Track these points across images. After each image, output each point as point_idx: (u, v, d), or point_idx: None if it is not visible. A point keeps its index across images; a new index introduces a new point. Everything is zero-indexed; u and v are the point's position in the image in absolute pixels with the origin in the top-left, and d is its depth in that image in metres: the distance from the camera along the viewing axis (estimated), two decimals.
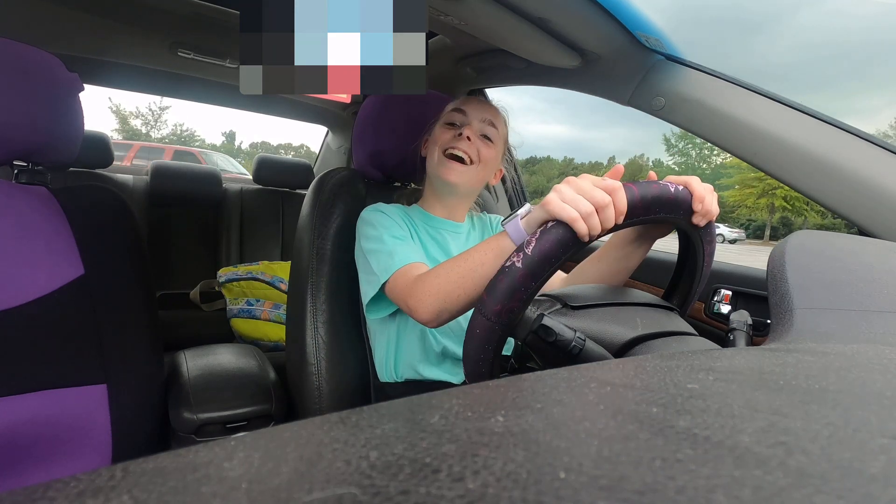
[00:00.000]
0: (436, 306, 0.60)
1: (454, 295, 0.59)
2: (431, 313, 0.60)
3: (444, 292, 0.60)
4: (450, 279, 0.60)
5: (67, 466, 0.64)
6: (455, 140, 0.76)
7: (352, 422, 0.16)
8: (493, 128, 0.79)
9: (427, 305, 0.61)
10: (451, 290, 0.59)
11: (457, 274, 0.59)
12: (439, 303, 0.60)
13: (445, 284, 0.60)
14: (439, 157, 0.77)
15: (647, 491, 0.11)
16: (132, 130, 30.07)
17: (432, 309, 0.60)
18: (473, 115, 0.78)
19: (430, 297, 0.61)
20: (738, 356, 0.26)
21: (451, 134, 0.77)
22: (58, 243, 0.66)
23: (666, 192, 0.45)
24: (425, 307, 0.61)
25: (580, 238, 0.43)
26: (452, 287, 0.59)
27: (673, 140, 24.06)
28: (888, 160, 0.63)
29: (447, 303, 0.59)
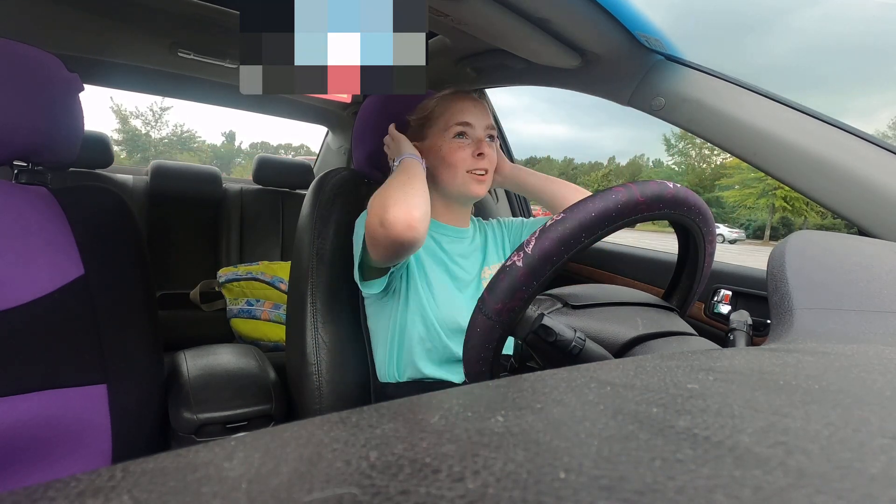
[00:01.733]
0: (415, 208, 0.64)
1: (414, 194, 0.65)
2: (415, 214, 0.63)
3: (409, 195, 0.65)
4: (403, 187, 0.67)
5: (67, 466, 0.64)
6: (476, 160, 0.78)
7: (352, 422, 0.16)
8: (492, 129, 0.81)
9: (407, 209, 0.63)
10: (410, 192, 0.66)
11: (404, 184, 0.67)
12: (415, 205, 0.64)
13: (403, 192, 0.66)
14: (464, 175, 0.78)
15: (647, 491, 0.11)
16: (132, 130, 30.08)
17: (414, 211, 0.63)
18: (479, 125, 0.79)
19: (399, 200, 0.64)
20: (738, 356, 0.26)
21: (467, 152, 0.78)
22: (58, 243, 0.66)
23: (665, 189, 0.45)
24: (407, 210, 0.63)
25: None
26: (412, 190, 0.66)
27: (673, 140, 24.09)
28: (888, 160, 0.63)
29: (420, 202, 0.65)
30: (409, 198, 0.65)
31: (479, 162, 0.78)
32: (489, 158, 0.78)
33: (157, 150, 30.41)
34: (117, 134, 28.96)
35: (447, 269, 0.80)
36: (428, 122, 0.81)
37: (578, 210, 0.43)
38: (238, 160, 40.85)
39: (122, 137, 29.11)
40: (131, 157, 28.62)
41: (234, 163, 40.61)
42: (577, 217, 0.42)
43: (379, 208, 0.64)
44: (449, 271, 0.80)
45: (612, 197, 0.44)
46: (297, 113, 1.87)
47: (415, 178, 0.69)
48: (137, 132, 30.20)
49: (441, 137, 0.79)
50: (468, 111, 0.79)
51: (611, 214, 0.43)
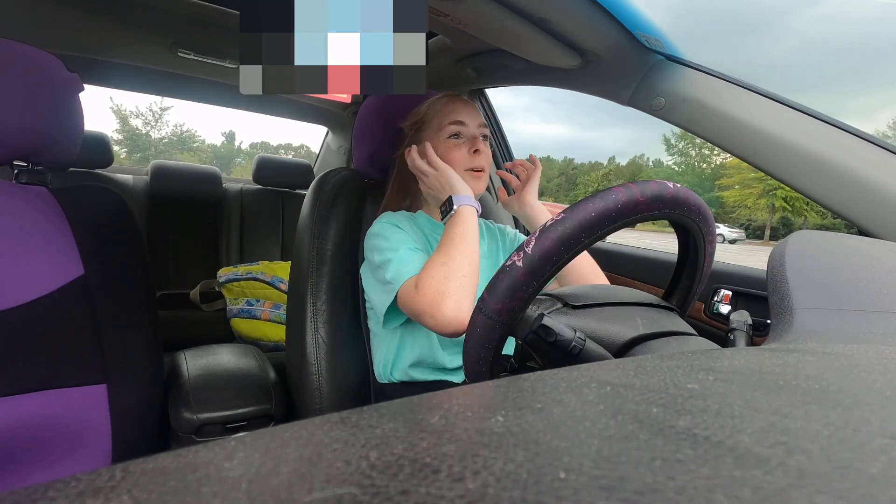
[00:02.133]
0: (460, 286, 0.63)
1: (467, 266, 0.64)
2: (458, 300, 0.62)
3: (456, 269, 0.64)
4: (452, 256, 0.65)
5: (67, 466, 0.64)
6: (472, 158, 0.78)
7: (352, 422, 0.16)
8: (485, 128, 0.81)
9: (451, 293, 0.62)
10: (462, 264, 0.64)
11: (454, 249, 0.66)
12: (461, 280, 0.63)
13: (452, 262, 0.65)
14: (461, 174, 0.77)
15: (647, 491, 0.11)
16: (132, 130, 30.08)
17: (457, 292, 0.62)
18: (471, 123, 0.79)
19: (449, 281, 0.63)
20: (738, 356, 0.26)
21: (462, 151, 0.78)
22: (58, 243, 0.66)
23: (665, 189, 0.45)
24: (450, 296, 0.62)
25: None
26: (461, 261, 0.65)
27: (673, 140, 24.10)
28: (888, 160, 0.63)
29: (466, 277, 0.63)
30: (467, 290, 0.63)
31: (476, 159, 0.78)
32: (485, 155, 0.79)
33: (157, 149, 30.42)
34: (117, 134, 28.95)
35: None
36: (422, 126, 0.81)
37: (578, 210, 0.43)
38: (238, 160, 40.86)
39: (122, 137, 29.10)
40: (131, 157, 28.62)
41: (234, 163, 40.61)
42: (577, 217, 0.42)
43: (433, 298, 0.62)
44: None
45: (612, 197, 0.44)
46: (297, 113, 1.87)
47: (472, 246, 0.67)
48: (137, 132, 30.19)
49: (436, 139, 0.79)
50: (460, 110, 0.79)
51: (611, 214, 0.43)
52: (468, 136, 0.79)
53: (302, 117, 1.90)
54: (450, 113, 0.79)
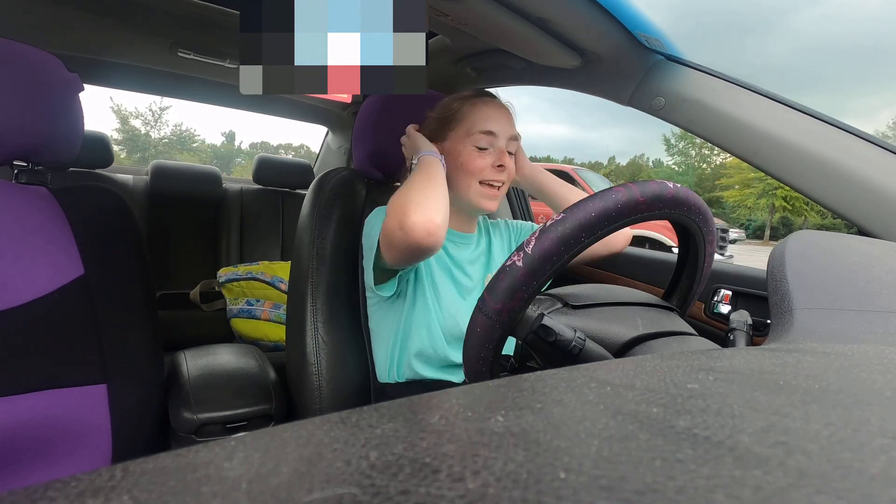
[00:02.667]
0: (421, 200, 0.63)
1: (430, 189, 0.65)
2: (438, 218, 0.62)
3: (419, 191, 0.64)
4: (413, 185, 0.66)
5: (67, 466, 0.64)
6: (493, 171, 0.75)
7: (352, 422, 0.16)
8: (515, 141, 0.78)
9: (425, 212, 0.62)
10: (431, 195, 0.64)
11: (409, 184, 0.67)
12: (436, 206, 0.63)
13: (414, 188, 0.65)
14: (476, 186, 0.76)
15: (647, 491, 0.11)
16: (132, 130, 30.08)
17: (433, 213, 0.62)
18: (503, 136, 0.76)
19: (419, 202, 0.63)
20: (738, 356, 0.26)
21: (486, 161, 0.75)
22: (58, 243, 0.66)
23: (665, 189, 0.45)
24: (427, 212, 0.62)
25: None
26: (433, 192, 0.65)
27: (673, 140, 24.11)
28: (888, 160, 0.63)
29: (440, 205, 0.64)
30: (429, 202, 0.64)
31: (498, 174, 0.75)
32: (508, 171, 0.76)
33: (156, 149, 30.42)
34: (117, 134, 28.94)
35: (452, 275, 0.79)
36: (450, 124, 0.78)
37: (578, 210, 0.43)
38: (238, 160, 40.84)
39: (122, 137, 29.10)
40: (131, 157, 28.61)
41: (234, 163, 40.60)
42: (577, 217, 0.42)
43: (398, 211, 0.63)
44: (453, 278, 0.79)
45: (612, 197, 0.44)
46: (297, 113, 1.86)
47: (435, 180, 0.67)
48: (137, 132, 30.18)
49: (462, 142, 0.76)
50: (493, 119, 0.75)
51: (611, 214, 0.43)
52: (496, 147, 0.76)
53: (302, 117, 1.90)
54: (482, 120, 0.75)
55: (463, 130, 0.76)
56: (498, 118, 0.76)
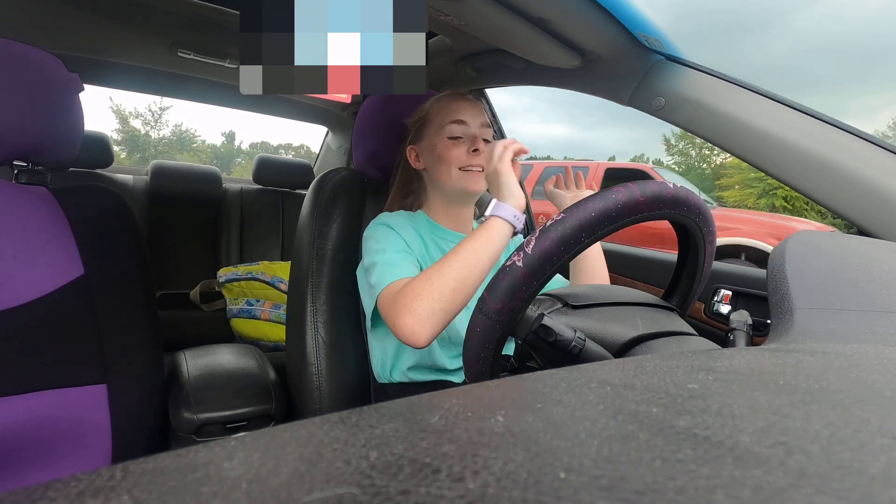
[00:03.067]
0: (428, 313, 0.57)
1: (449, 294, 0.57)
2: (421, 321, 0.57)
3: (437, 297, 0.57)
4: (444, 279, 0.58)
5: (67, 466, 0.64)
6: (470, 157, 0.77)
7: (352, 422, 0.16)
8: (489, 128, 0.80)
9: (415, 312, 0.57)
10: (447, 291, 0.58)
11: (452, 273, 0.59)
12: (433, 307, 0.57)
13: (440, 289, 0.58)
14: (457, 173, 0.77)
15: (647, 491, 0.11)
16: (132, 131, 30.06)
17: (422, 314, 0.57)
18: (473, 123, 0.79)
19: (418, 299, 0.58)
20: (738, 356, 0.26)
21: (461, 150, 0.77)
22: (58, 243, 0.66)
23: (665, 189, 0.45)
24: (412, 315, 0.57)
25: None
26: (449, 287, 0.58)
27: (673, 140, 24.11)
28: (888, 160, 0.63)
29: (443, 305, 0.57)
30: (438, 313, 0.58)
31: (474, 158, 0.77)
32: (485, 155, 0.78)
33: (156, 150, 30.40)
34: (117, 134, 28.90)
35: None
36: (425, 124, 0.81)
37: (578, 210, 0.43)
38: (238, 160, 40.82)
39: (121, 138, 29.07)
40: (131, 157, 28.58)
41: (234, 163, 40.58)
42: (577, 217, 0.42)
43: (399, 307, 0.59)
44: None
45: (612, 197, 0.44)
46: (297, 113, 1.86)
47: (474, 271, 0.60)
48: (137, 132, 30.15)
49: (437, 136, 0.79)
50: (462, 109, 0.79)
51: (611, 214, 0.43)
52: (468, 135, 0.78)
53: (302, 117, 1.90)
54: (452, 112, 0.79)
55: (436, 126, 0.79)
56: (466, 108, 0.79)
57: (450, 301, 0.59)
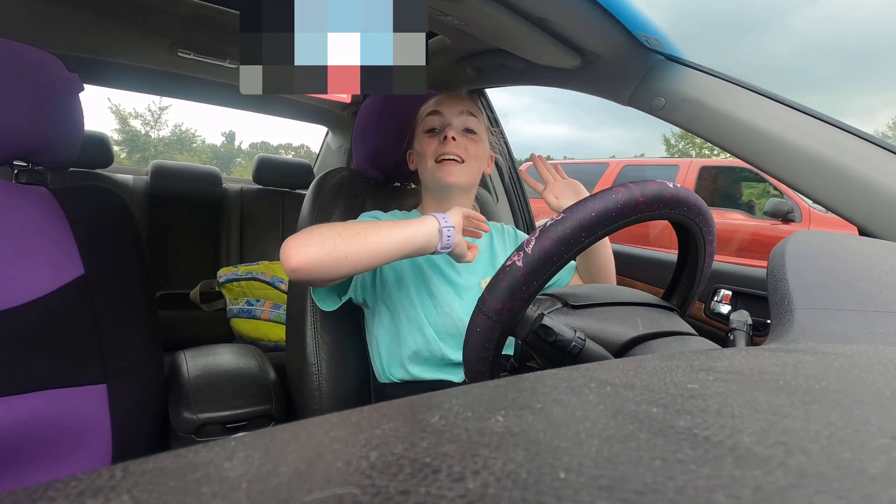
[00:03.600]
0: (310, 250, 0.58)
1: (350, 235, 0.58)
2: (302, 257, 0.58)
3: (339, 232, 0.59)
4: (351, 225, 0.60)
5: (67, 466, 0.64)
6: (442, 146, 0.76)
7: (352, 422, 0.16)
8: (473, 117, 0.80)
9: (301, 248, 0.58)
10: (349, 232, 0.59)
11: (365, 224, 0.60)
12: (327, 233, 0.58)
13: (344, 227, 0.60)
14: (432, 165, 0.77)
15: (647, 491, 0.11)
16: (132, 131, 30.06)
17: (305, 251, 0.58)
18: (450, 113, 0.78)
19: (317, 230, 0.59)
20: (738, 356, 0.26)
21: (435, 141, 0.77)
22: (58, 243, 0.66)
23: (665, 189, 0.45)
24: (299, 249, 0.58)
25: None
26: (353, 230, 0.59)
27: (673, 140, 24.13)
28: (888, 160, 0.63)
29: (338, 239, 0.58)
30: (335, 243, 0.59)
31: (445, 146, 0.76)
32: (461, 146, 0.77)
33: (156, 150, 30.40)
34: (117, 134, 28.89)
35: (444, 275, 0.78)
36: (415, 126, 0.83)
37: (578, 210, 0.43)
38: (238, 160, 40.83)
39: (121, 138, 29.07)
40: (131, 158, 28.57)
41: (234, 163, 40.58)
42: (577, 217, 0.42)
43: (295, 240, 0.60)
44: (446, 277, 0.78)
45: (612, 197, 0.44)
46: (297, 113, 1.86)
47: (375, 240, 0.60)
48: (137, 132, 30.15)
49: (420, 136, 0.80)
50: (438, 101, 0.79)
51: (611, 214, 0.43)
52: (443, 125, 0.78)
53: (302, 117, 1.90)
54: (429, 105, 0.79)
55: (419, 124, 0.80)
56: (442, 99, 0.79)
57: (346, 240, 0.59)
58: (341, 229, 0.60)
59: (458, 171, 0.77)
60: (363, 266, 0.61)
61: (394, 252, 0.61)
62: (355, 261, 0.59)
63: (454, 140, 0.76)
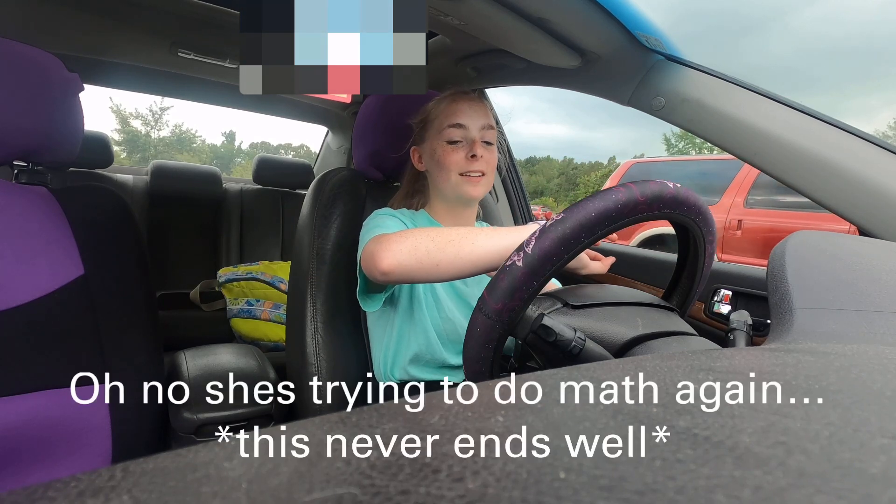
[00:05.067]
0: (412, 244, 0.57)
1: (444, 242, 0.57)
2: (400, 252, 0.57)
3: (432, 238, 0.58)
4: (446, 231, 0.59)
5: (67, 466, 0.64)
6: (469, 163, 0.75)
7: (352, 422, 0.16)
8: (492, 130, 0.79)
9: (401, 245, 0.58)
10: (443, 238, 0.58)
11: (459, 231, 0.59)
12: (420, 241, 0.58)
13: (438, 233, 0.59)
14: (456, 179, 0.76)
15: (647, 491, 0.11)
16: (132, 131, 30.06)
17: (406, 248, 0.57)
18: (473, 126, 0.77)
19: (411, 236, 0.58)
20: (738, 356, 0.26)
21: (460, 155, 0.76)
22: (58, 243, 0.66)
23: (665, 189, 0.45)
24: (398, 246, 0.58)
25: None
26: (447, 237, 0.58)
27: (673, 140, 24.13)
28: (888, 160, 0.63)
29: (431, 246, 0.57)
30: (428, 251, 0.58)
31: (472, 164, 0.75)
32: (484, 160, 0.76)
33: (156, 150, 30.41)
34: (117, 134, 28.89)
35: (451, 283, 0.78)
36: (426, 125, 0.80)
37: (578, 210, 0.43)
38: (238, 160, 40.83)
39: (122, 138, 29.07)
40: (131, 158, 28.58)
41: (234, 163, 40.59)
42: (576, 217, 0.42)
43: (384, 247, 0.59)
44: (452, 284, 0.79)
45: (612, 197, 0.44)
46: (297, 113, 1.87)
47: (469, 249, 0.58)
48: (137, 133, 30.15)
49: (436, 140, 0.77)
50: (462, 112, 0.77)
51: (611, 214, 0.43)
52: (468, 139, 0.77)
53: (302, 117, 1.90)
54: (451, 114, 0.77)
55: (436, 129, 0.78)
56: (466, 110, 0.77)
57: (439, 248, 0.58)
58: (435, 235, 0.59)
59: (483, 185, 0.77)
60: (454, 275, 0.59)
61: (486, 263, 0.59)
62: (446, 269, 0.58)
63: (481, 158, 0.76)
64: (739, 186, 4.10)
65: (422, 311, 0.75)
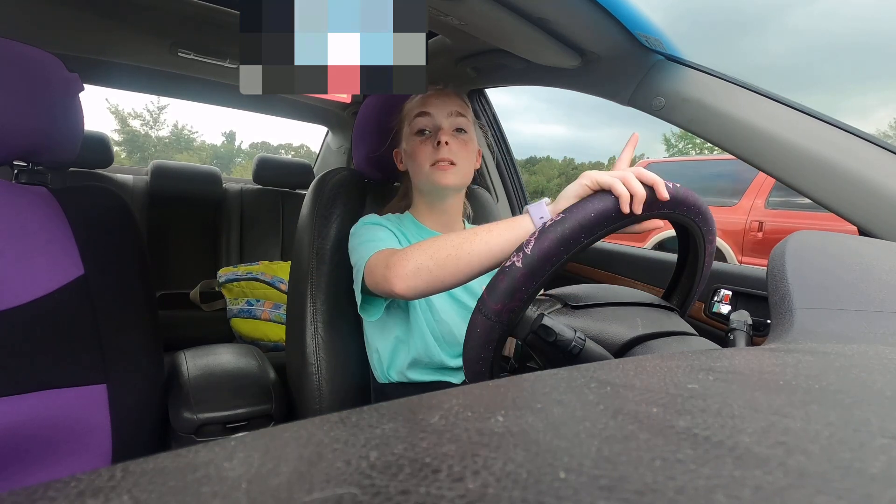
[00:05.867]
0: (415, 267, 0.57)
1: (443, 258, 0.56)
2: (408, 277, 0.57)
3: (430, 256, 0.57)
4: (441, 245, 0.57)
5: (67, 466, 0.64)
6: (436, 152, 0.74)
7: (352, 422, 0.16)
8: (462, 117, 0.77)
9: (406, 269, 0.57)
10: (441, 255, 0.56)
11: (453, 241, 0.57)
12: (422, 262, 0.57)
13: (435, 250, 0.57)
14: (428, 170, 0.75)
15: (647, 491, 0.11)
16: (132, 131, 30.03)
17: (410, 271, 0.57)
18: (439, 114, 0.75)
19: (412, 259, 0.57)
20: (738, 356, 0.26)
21: (429, 146, 0.75)
22: (58, 243, 0.66)
23: None
24: (404, 271, 0.57)
25: (621, 208, 0.43)
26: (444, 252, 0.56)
27: (673, 140, 24.13)
28: (888, 160, 0.63)
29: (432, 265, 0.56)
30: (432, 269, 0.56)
31: (439, 152, 0.74)
32: (451, 149, 0.74)
33: (156, 150, 30.37)
34: (117, 135, 28.85)
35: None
36: (401, 125, 0.80)
37: (578, 210, 0.43)
38: (238, 160, 40.82)
39: (121, 138, 29.04)
40: (131, 158, 28.55)
41: (234, 163, 40.57)
42: (576, 217, 0.42)
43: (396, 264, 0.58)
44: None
45: (612, 197, 0.44)
46: (297, 113, 1.87)
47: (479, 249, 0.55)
48: (137, 133, 30.12)
49: (409, 137, 0.77)
50: (428, 101, 0.76)
51: (610, 215, 0.43)
52: (434, 127, 0.75)
53: (302, 117, 1.90)
54: (417, 105, 0.76)
55: (407, 124, 0.78)
56: (430, 98, 0.76)
57: (440, 265, 0.57)
58: (434, 252, 0.57)
59: (454, 173, 0.75)
60: (459, 284, 0.59)
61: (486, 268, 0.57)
62: (452, 283, 0.58)
63: (447, 145, 0.74)
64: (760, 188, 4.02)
65: (417, 316, 0.75)
